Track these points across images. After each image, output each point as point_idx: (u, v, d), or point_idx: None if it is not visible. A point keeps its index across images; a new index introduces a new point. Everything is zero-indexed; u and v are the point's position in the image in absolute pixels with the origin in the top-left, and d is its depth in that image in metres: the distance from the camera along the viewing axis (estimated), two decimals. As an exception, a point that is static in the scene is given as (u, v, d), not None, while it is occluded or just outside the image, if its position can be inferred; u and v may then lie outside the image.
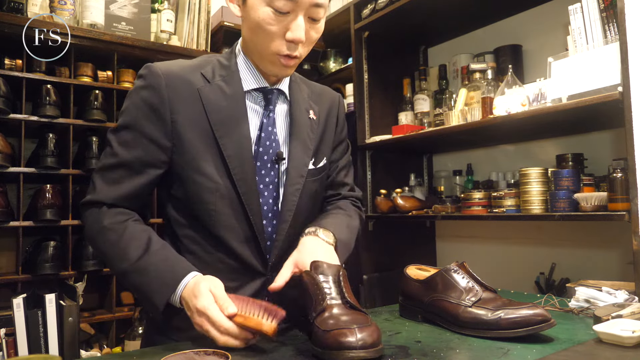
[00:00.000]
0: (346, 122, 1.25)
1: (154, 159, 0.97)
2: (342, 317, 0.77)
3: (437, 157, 2.56)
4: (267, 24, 0.91)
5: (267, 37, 0.93)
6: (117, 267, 0.93)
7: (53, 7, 2.01)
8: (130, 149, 0.97)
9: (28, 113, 1.96)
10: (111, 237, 0.94)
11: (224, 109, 0.98)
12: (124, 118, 0.99)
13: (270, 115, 1.04)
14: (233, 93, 1.00)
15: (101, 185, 0.97)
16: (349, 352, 0.70)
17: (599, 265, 1.82)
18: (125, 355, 0.85)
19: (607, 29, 1.48)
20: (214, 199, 0.97)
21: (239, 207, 0.98)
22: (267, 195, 1.02)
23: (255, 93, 1.04)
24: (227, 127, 0.98)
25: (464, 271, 0.94)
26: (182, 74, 0.99)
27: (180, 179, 0.99)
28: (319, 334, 0.75)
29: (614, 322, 0.83)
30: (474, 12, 2.13)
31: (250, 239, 1.00)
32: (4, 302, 1.77)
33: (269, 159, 1.02)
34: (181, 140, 0.97)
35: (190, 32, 2.38)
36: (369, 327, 0.73)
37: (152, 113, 0.96)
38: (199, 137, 0.97)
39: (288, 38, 0.93)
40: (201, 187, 0.97)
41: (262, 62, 0.99)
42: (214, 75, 1.01)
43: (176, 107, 0.96)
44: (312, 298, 0.83)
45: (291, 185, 1.03)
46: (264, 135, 1.02)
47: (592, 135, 1.87)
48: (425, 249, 2.50)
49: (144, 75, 0.98)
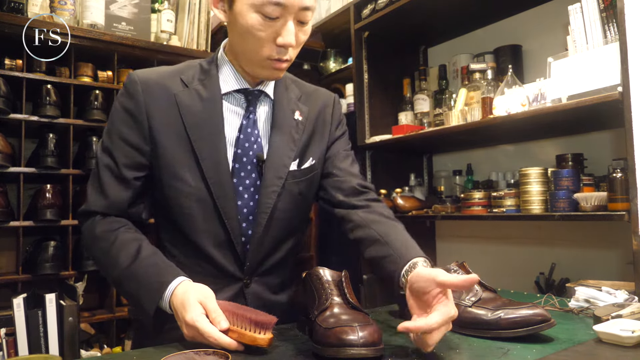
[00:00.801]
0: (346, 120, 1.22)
1: (134, 163, 0.98)
2: (343, 316, 0.77)
3: (437, 157, 2.56)
4: (257, 30, 0.90)
5: (257, 42, 0.92)
6: (110, 274, 0.95)
7: (53, 7, 2.01)
8: (111, 154, 0.98)
9: (28, 113, 1.96)
10: (103, 245, 0.95)
11: (199, 112, 0.98)
12: (107, 126, 1.02)
13: (251, 117, 1.02)
14: (210, 96, 1.00)
15: (91, 195, 0.99)
16: (350, 349, 0.70)
17: (599, 265, 1.82)
18: (125, 355, 0.85)
19: (607, 29, 1.48)
20: (189, 203, 0.98)
21: (213, 212, 0.98)
22: (247, 197, 1.01)
23: (237, 94, 1.02)
24: (202, 130, 0.98)
25: (464, 271, 0.94)
26: (159, 80, 1.00)
27: (158, 183, 1.00)
28: (320, 331, 0.75)
29: (613, 322, 0.83)
30: (474, 12, 2.13)
31: (225, 243, 0.99)
32: (4, 302, 1.77)
33: (249, 160, 1.00)
34: (157, 145, 0.97)
35: (190, 32, 2.38)
36: (370, 326, 0.73)
37: (130, 118, 0.97)
38: (174, 141, 0.97)
39: (279, 43, 0.91)
40: (177, 191, 0.98)
41: (252, 66, 0.98)
42: (192, 80, 1.01)
43: (152, 112, 0.97)
44: (315, 297, 0.83)
45: (266, 187, 1.00)
46: (242, 137, 1.00)
47: (592, 135, 1.87)
48: (425, 249, 2.46)
49: (125, 84, 1.01)
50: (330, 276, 0.85)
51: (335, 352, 0.71)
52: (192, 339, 0.83)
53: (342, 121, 1.20)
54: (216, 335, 0.79)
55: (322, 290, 0.83)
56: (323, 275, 0.85)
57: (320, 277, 0.85)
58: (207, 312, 0.82)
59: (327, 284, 0.84)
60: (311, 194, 1.11)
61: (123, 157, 0.97)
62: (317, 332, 0.77)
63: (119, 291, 0.98)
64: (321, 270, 0.86)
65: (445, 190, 2.34)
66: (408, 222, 2.59)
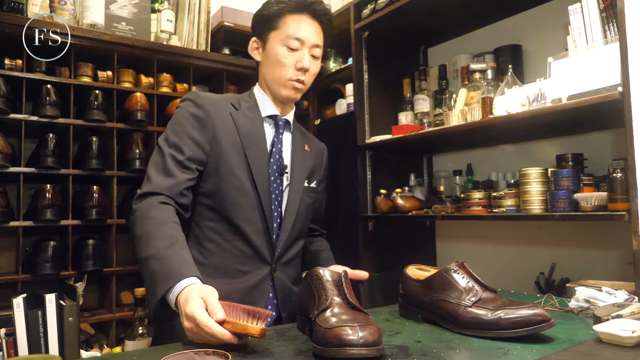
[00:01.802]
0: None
1: (198, 157, 1.22)
2: (343, 316, 0.77)
3: (437, 157, 2.56)
4: (283, 58, 1.29)
5: (282, 67, 1.29)
6: (144, 250, 1.05)
7: (53, 7, 2.01)
8: (179, 149, 1.20)
9: (28, 113, 1.96)
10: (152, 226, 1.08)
11: (248, 127, 1.28)
12: (174, 128, 1.23)
13: (279, 137, 1.35)
14: (255, 118, 1.32)
15: (156, 177, 1.17)
16: (350, 349, 0.70)
17: (599, 265, 1.82)
18: (125, 355, 0.85)
19: (607, 29, 1.48)
20: (238, 194, 1.23)
21: (257, 204, 1.24)
22: (274, 197, 1.28)
23: (269, 119, 1.35)
24: (252, 141, 1.27)
25: (464, 271, 0.94)
26: (219, 101, 1.30)
27: (214, 177, 1.23)
28: (320, 331, 0.75)
29: (613, 322, 0.83)
30: (474, 12, 2.13)
31: (264, 231, 1.25)
32: (4, 302, 1.77)
33: (277, 170, 1.30)
34: (219, 146, 1.24)
35: (190, 32, 2.38)
36: (370, 326, 0.73)
37: (198, 123, 1.24)
38: (232, 146, 1.24)
39: (298, 67, 1.29)
40: (230, 184, 1.22)
41: (279, 88, 1.32)
42: (240, 105, 1.32)
43: (216, 121, 1.25)
44: (315, 297, 0.83)
45: (294, 193, 1.32)
46: (274, 150, 1.31)
47: (592, 135, 1.87)
48: (425, 249, 2.50)
49: (191, 98, 1.28)
50: (330, 276, 0.86)
51: (335, 352, 0.71)
52: (190, 331, 0.87)
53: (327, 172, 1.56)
54: (211, 325, 0.83)
55: (322, 290, 0.83)
56: (323, 275, 0.85)
57: (321, 277, 0.85)
58: (206, 306, 0.87)
59: (327, 284, 0.84)
60: (312, 209, 1.43)
61: (190, 151, 1.20)
62: (317, 332, 0.77)
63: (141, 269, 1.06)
64: (321, 270, 0.87)
65: (445, 190, 2.34)
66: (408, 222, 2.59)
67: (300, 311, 0.94)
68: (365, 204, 2.28)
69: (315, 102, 2.83)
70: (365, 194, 2.29)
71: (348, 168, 2.38)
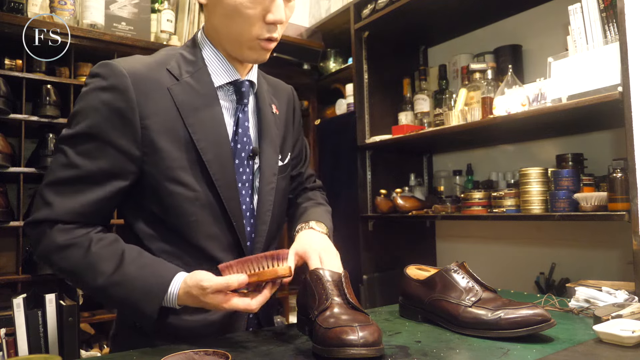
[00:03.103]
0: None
1: (120, 170, 0.87)
2: (343, 316, 0.77)
3: (437, 157, 2.56)
4: (246, 8, 0.86)
5: (245, 21, 0.88)
6: (91, 284, 0.85)
7: (53, 7, 2.01)
8: (92, 159, 0.86)
9: (28, 113, 1.96)
10: (75, 253, 0.85)
11: (198, 108, 0.91)
12: (83, 124, 0.87)
13: (245, 110, 0.99)
14: (206, 91, 0.93)
15: (57, 200, 0.85)
16: (350, 349, 0.70)
17: (599, 265, 1.82)
18: (126, 355, 0.85)
19: (607, 29, 1.48)
20: (194, 209, 0.90)
21: (220, 215, 0.93)
22: (244, 194, 0.97)
23: (227, 87, 0.97)
24: (204, 128, 0.91)
25: (464, 271, 0.94)
26: (147, 72, 0.89)
27: (154, 191, 0.90)
28: (320, 331, 0.75)
29: (614, 322, 0.83)
30: (474, 12, 2.13)
31: (233, 245, 0.95)
32: (4, 302, 1.77)
33: (245, 155, 0.97)
34: (154, 149, 0.88)
35: (190, 32, 2.38)
36: (370, 326, 0.73)
37: (119, 119, 0.86)
38: (173, 142, 0.89)
39: (269, 20, 0.88)
40: (179, 198, 0.89)
41: (240, 49, 0.92)
42: (180, 71, 0.92)
43: (146, 111, 0.87)
44: (315, 297, 0.83)
45: (266, 184, 0.99)
46: (240, 131, 0.96)
47: (592, 135, 1.87)
48: (425, 249, 2.50)
49: (104, 75, 0.87)
50: (330, 276, 0.85)
51: (336, 353, 0.71)
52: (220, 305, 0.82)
53: (300, 115, 1.21)
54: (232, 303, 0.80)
55: (322, 290, 0.83)
56: (323, 275, 0.85)
57: (321, 277, 0.85)
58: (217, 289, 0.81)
59: (327, 284, 0.84)
60: (289, 189, 1.13)
61: (108, 163, 0.86)
62: (317, 332, 0.77)
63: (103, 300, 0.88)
64: (321, 270, 0.86)
65: (445, 190, 2.34)
66: (408, 222, 2.59)
67: (300, 311, 0.94)
68: (365, 204, 2.28)
69: (315, 102, 2.84)
70: (365, 194, 2.28)
71: (348, 168, 2.38)
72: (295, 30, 2.68)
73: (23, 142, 1.95)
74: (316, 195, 1.21)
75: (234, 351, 0.79)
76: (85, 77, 2.07)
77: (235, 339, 0.89)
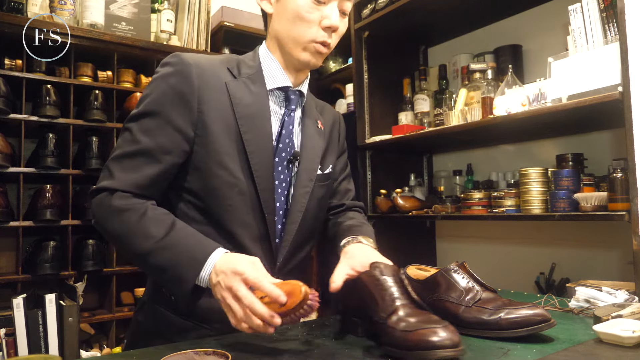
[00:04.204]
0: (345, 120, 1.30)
1: (176, 148, 0.95)
2: (416, 317, 0.78)
3: (437, 157, 2.56)
4: (307, 12, 0.98)
5: (305, 25, 0.99)
6: (139, 247, 0.89)
7: (53, 7, 2.01)
8: (153, 136, 0.94)
9: (28, 113, 1.96)
10: (131, 216, 0.90)
11: (249, 105, 1.00)
12: (148, 104, 0.96)
13: (292, 115, 1.07)
14: (258, 91, 1.02)
15: (119, 173, 0.93)
16: (440, 351, 0.71)
17: (599, 265, 1.82)
18: (125, 355, 0.85)
19: (607, 29, 1.48)
20: (232, 194, 0.97)
21: (256, 204, 0.98)
22: (280, 192, 1.03)
23: (278, 92, 1.07)
24: (252, 123, 0.99)
25: (464, 271, 0.94)
26: (210, 66, 1.00)
27: (200, 171, 0.97)
28: (396, 334, 0.76)
29: (614, 322, 0.83)
30: (474, 12, 2.13)
31: (262, 237, 1.00)
32: (4, 302, 1.77)
33: (286, 157, 1.04)
34: (206, 131, 0.96)
35: (190, 32, 2.38)
36: (448, 327, 0.74)
37: (180, 100, 0.95)
38: (224, 130, 0.97)
39: (324, 25, 1.00)
40: (221, 181, 0.96)
41: (297, 51, 1.02)
42: (239, 72, 1.03)
43: (204, 97, 0.96)
44: (376, 298, 0.83)
45: (302, 187, 1.05)
46: (284, 132, 1.04)
47: (592, 135, 1.87)
48: (425, 249, 2.50)
49: (173, 63, 0.98)
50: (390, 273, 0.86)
51: (422, 355, 0.72)
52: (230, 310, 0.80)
53: (345, 140, 1.29)
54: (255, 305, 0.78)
55: (383, 291, 0.84)
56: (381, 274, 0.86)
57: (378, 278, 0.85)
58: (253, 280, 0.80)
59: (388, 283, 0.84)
60: (327, 200, 1.18)
61: (166, 140, 0.94)
62: (391, 335, 0.77)
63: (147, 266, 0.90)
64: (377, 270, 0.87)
65: (445, 190, 2.34)
66: (408, 222, 2.59)
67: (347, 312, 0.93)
68: (365, 204, 2.28)
69: (315, 102, 2.83)
70: (365, 194, 2.28)
71: (348, 168, 2.38)
72: (295, 30, 2.67)
73: (23, 142, 1.95)
74: (357, 216, 1.23)
75: (234, 351, 0.79)
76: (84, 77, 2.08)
77: (235, 339, 0.89)
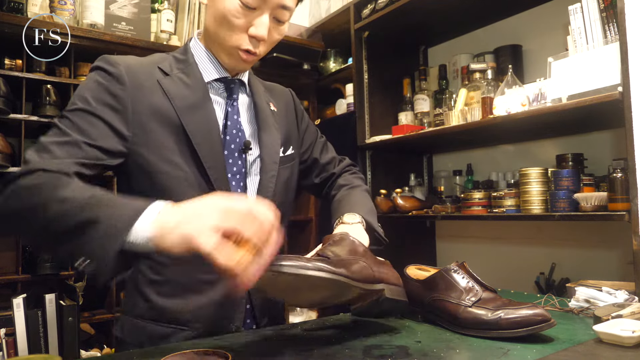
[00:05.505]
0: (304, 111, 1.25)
1: (110, 147, 0.88)
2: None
3: (437, 157, 2.56)
4: (233, 17, 0.91)
5: (230, 29, 0.93)
6: (48, 212, 0.74)
7: (53, 7, 2.01)
8: (82, 131, 0.86)
9: (28, 113, 1.96)
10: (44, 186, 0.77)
11: (187, 97, 0.96)
12: (79, 104, 0.89)
13: (234, 105, 1.03)
14: (195, 83, 0.98)
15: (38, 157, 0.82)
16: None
17: (599, 265, 1.82)
18: (125, 355, 0.85)
19: (607, 29, 1.48)
20: (183, 189, 0.91)
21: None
22: (235, 185, 0.99)
23: (217, 84, 1.02)
24: (193, 114, 0.95)
25: (464, 271, 0.94)
26: (140, 66, 0.96)
27: (145, 170, 0.92)
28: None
29: (614, 322, 0.83)
30: (474, 12, 2.13)
31: None
32: (4, 302, 1.78)
33: (236, 148, 1.00)
34: (144, 129, 0.92)
35: (190, 32, 2.38)
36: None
37: (113, 101, 0.90)
38: (164, 126, 0.93)
39: (251, 33, 0.93)
40: (169, 177, 0.92)
41: (221, 53, 0.99)
42: (171, 69, 0.99)
43: (138, 97, 0.92)
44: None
45: (267, 172, 1.02)
46: (230, 123, 1.00)
47: (592, 135, 1.87)
48: (425, 249, 2.50)
49: (102, 66, 0.93)
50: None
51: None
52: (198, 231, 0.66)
53: (303, 113, 1.23)
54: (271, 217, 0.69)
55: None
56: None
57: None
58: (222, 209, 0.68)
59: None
60: (294, 182, 1.14)
61: (99, 137, 0.87)
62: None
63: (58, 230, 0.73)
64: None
65: (445, 190, 2.34)
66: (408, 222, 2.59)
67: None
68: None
69: (315, 102, 2.83)
70: (365, 194, 2.28)
71: (348, 168, 2.38)
72: (295, 30, 2.68)
73: (23, 142, 1.95)
74: (347, 179, 1.20)
75: (234, 351, 0.79)
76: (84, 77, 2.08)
77: (235, 339, 0.89)
